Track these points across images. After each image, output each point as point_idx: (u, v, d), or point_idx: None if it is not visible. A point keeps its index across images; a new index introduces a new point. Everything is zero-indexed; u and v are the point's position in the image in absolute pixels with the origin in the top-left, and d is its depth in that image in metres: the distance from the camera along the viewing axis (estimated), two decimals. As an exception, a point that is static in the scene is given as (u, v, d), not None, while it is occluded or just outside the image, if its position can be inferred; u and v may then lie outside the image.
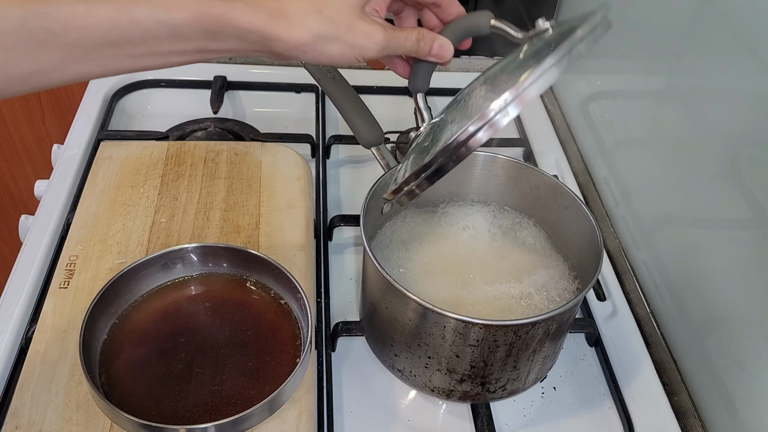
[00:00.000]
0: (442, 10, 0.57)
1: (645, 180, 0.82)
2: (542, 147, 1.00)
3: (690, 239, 0.73)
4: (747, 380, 0.63)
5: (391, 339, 0.64)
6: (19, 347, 0.68)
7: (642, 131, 0.83)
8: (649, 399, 0.71)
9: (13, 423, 0.58)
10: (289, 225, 0.78)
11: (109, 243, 0.74)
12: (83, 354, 0.56)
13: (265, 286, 0.67)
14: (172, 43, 0.46)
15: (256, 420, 0.56)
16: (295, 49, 0.48)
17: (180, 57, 0.47)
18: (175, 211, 0.79)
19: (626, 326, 0.78)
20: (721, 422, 0.67)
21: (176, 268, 0.67)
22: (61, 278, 0.70)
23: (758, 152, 0.62)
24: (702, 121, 0.71)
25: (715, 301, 0.68)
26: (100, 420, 0.59)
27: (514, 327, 0.57)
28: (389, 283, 0.59)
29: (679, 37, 0.74)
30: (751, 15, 0.62)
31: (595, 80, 0.97)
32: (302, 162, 0.88)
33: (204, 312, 0.65)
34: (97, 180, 0.82)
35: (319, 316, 0.73)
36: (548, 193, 0.70)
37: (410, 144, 0.61)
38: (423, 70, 0.58)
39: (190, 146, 0.88)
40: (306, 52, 0.48)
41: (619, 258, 0.86)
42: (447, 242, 0.72)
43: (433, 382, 0.64)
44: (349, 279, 0.80)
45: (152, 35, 0.45)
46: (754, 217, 0.62)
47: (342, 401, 0.68)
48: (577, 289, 0.68)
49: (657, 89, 0.80)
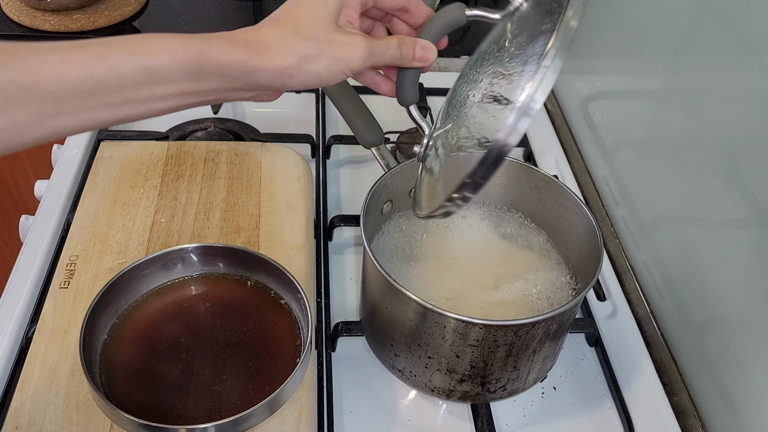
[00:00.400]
0: (411, 15, 0.56)
1: (645, 180, 0.82)
2: (542, 147, 1.00)
3: (690, 239, 0.73)
4: (747, 380, 0.63)
5: (391, 339, 0.64)
6: (19, 347, 0.68)
7: (642, 131, 0.83)
8: (649, 399, 0.71)
9: (13, 423, 0.58)
10: (289, 225, 0.78)
11: (109, 243, 0.74)
12: (83, 354, 0.56)
13: (265, 286, 0.67)
14: (152, 88, 0.44)
15: (256, 420, 0.56)
16: (281, 75, 0.46)
17: (160, 102, 0.45)
18: (175, 211, 0.79)
19: (626, 326, 0.78)
20: (721, 422, 0.67)
21: (176, 268, 0.67)
22: (62, 278, 0.70)
23: (758, 152, 0.62)
24: (702, 121, 0.71)
25: (715, 301, 0.68)
26: (100, 420, 0.59)
27: (514, 327, 0.57)
28: (389, 283, 0.59)
29: (679, 37, 0.74)
30: (751, 15, 0.62)
31: (595, 80, 0.97)
32: (302, 162, 0.88)
33: (204, 312, 0.65)
34: (97, 180, 0.82)
35: (319, 316, 0.73)
36: (548, 193, 0.70)
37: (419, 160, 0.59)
38: (409, 80, 0.56)
39: (190, 146, 0.88)
40: (292, 76, 0.47)
41: (619, 258, 0.86)
42: (447, 242, 0.72)
43: (433, 382, 0.64)
44: (349, 279, 0.80)
45: (129, 81, 0.43)
46: (754, 217, 0.62)
47: (342, 401, 0.68)
48: (577, 289, 0.68)
49: (657, 89, 0.80)
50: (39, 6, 1.07)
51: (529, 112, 0.46)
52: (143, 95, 0.44)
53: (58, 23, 1.07)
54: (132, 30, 1.11)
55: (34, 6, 1.08)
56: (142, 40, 0.44)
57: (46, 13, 1.08)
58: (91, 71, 0.42)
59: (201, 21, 1.14)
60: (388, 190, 0.70)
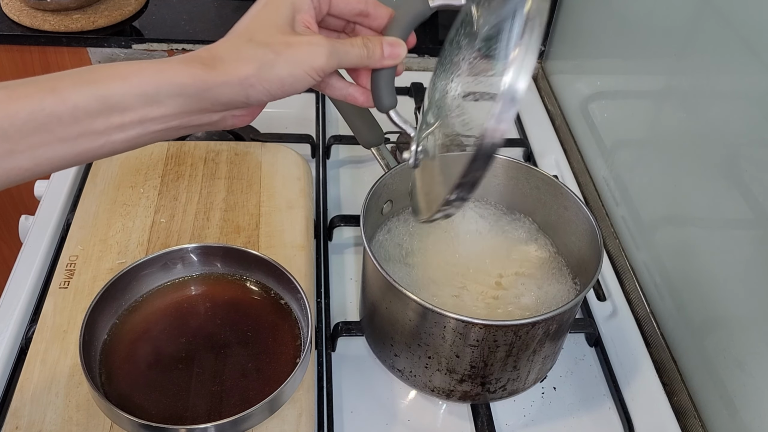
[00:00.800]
0: (373, 18, 0.53)
1: (645, 180, 0.82)
2: (542, 147, 1.00)
3: (690, 239, 0.73)
4: (747, 380, 0.63)
5: (391, 339, 0.64)
6: (19, 347, 0.68)
7: (642, 131, 0.83)
8: (649, 399, 0.71)
9: (13, 423, 0.58)
10: (289, 225, 0.78)
11: (109, 243, 0.74)
12: (83, 354, 0.56)
13: (265, 286, 0.67)
14: (107, 117, 0.42)
15: (256, 420, 0.56)
16: (241, 86, 0.45)
17: (120, 133, 0.43)
18: (175, 211, 0.79)
19: (626, 326, 0.78)
20: (721, 422, 0.67)
21: (176, 269, 0.67)
22: (61, 278, 0.70)
23: (758, 152, 0.62)
24: (702, 121, 0.71)
25: (715, 301, 0.68)
26: (100, 420, 0.59)
27: (514, 327, 0.57)
28: (389, 283, 0.59)
29: (679, 37, 0.74)
30: (751, 15, 0.62)
31: (595, 80, 0.97)
32: (302, 162, 0.88)
33: (204, 312, 0.65)
34: (97, 180, 0.82)
35: (319, 316, 0.74)
36: (548, 193, 0.70)
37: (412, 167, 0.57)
38: (384, 83, 0.52)
39: (190, 146, 0.88)
40: (253, 86, 0.45)
41: (619, 258, 0.86)
42: (447, 242, 0.72)
43: (433, 382, 0.64)
44: (349, 279, 0.80)
45: (83, 111, 0.41)
46: (754, 217, 0.62)
47: (342, 401, 0.68)
48: (577, 289, 0.68)
49: (657, 89, 0.80)
50: (39, 6, 1.07)
51: (514, 97, 0.42)
52: (99, 126, 0.42)
53: (58, 23, 1.07)
54: (132, 30, 1.11)
55: (34, 6, 1.07)
56: (92, 70, 0.42)
57: (46, 13, 1.08)
58: (41, 104, 0.40)
59: (201, 21, 1.14)
60: (388, 190, 0.70)
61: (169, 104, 0.44)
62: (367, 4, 0.53)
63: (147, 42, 1.09)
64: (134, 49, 1.10)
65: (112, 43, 1.08)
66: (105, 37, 1.08)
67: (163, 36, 1.10)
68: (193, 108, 0.45)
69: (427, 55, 1.14)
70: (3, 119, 0.39)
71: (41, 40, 1.07)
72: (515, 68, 0.41)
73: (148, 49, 1.10)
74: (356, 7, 0.53)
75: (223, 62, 0.44)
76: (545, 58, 1.14)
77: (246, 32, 0.46)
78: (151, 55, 1.11)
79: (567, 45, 1.07)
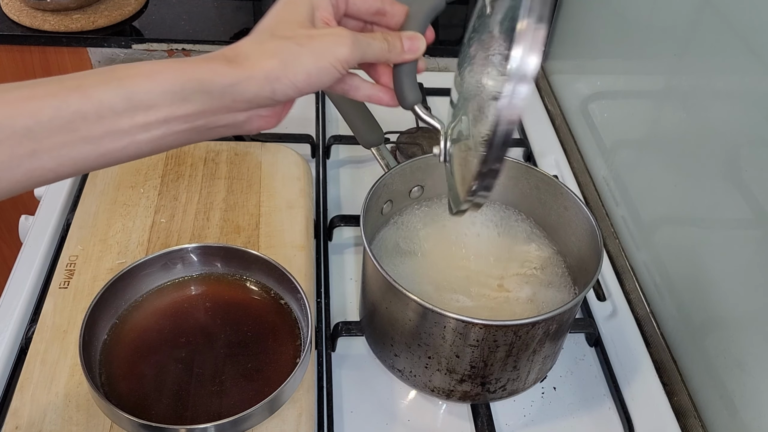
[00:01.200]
0: (390, 17, 0.53)
1: (645, 180, 0.82)
2: (542, 147, 1.00)
3: (690, 239, 0.73)
4: (747, 380, 0.63)
5: (391, 339, 0.64)
6: (19, 347, 0.68)
7: (642, 131, 0.83)
8: (649, 399, 0.71)
9: (13, 423, 0.58)
10: (289, 225, 0.78)
11: (109, 243, 0.74)
12: (83, 354, 0.56)
13: (265, 286, 0.67)
14: (132, 116, 0.41)
15: (256, 420, 0.56)
16: (267, 79, 0.44)
17: (144, 132, 0.43)
18: (175, 211, 0.79)
19: (626, 326, 0.78)
20: (721, 422, 0.67)
21: (176, 268, 0.67)
22: (61, 278, 0.70)
23: (758, 152, 0.62)
24: (702, 121, 0.71)
25: (715, 301, 0.68)
26: (100, 420, 0.59)
27: (514, 327, 0.57)
28: (389, 283, 0.59)
29: (679, 37, 0.74)
30: (751, 15, 0.62)
31: (595, 80, 0.97)
32: (302, 162, 0.88)
33: (204, 312, 0.65)
34: (97, 180, 0.82)
35: (319, 316, 0.73)
36: (548, 193, 0.70)
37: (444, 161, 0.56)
38: (407, 79, 0.53)
39: (190, 146, 0.88)
40: (279, 79, 0.44)
41: (619, 258, 0.86)
42: (446, 242, 0.72)
43: (433, 382, 0.64)
44: (349, 279, 0.80)
45: (108, 108, 0.40)
46: (754, 217, 0.62)
47: (342, 401, 0.68)
48: (577, 289, 0.68)
49: (657, 89, 0.80)
50: (39, 6, 1.07)
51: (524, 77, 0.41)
52: (124, 124, 0.42)
53: (58, 23, 1.07)
54: (132, 30, 1.11)
55: (34, 6, 1.08)
56: (115, 69, 0.42)
57: (46, 13, 1.08)
58: (66, 101, 0.40)
59: (201, 21, 1.14)
60: (388, 190, 0.70)
61: (194, 102, 0.43)
62: (384, 2, 0.53)
63: (147, 42, 1.09)
64: (134, 49, 1.10)
65: (112, 43, 1.09)
66: (105, 37, 1.08)
67: (162, 36, 1.10)
68: (218, 106, 0.44)
69: (427, 55, 1.14)
70: (27, 117, 0.39)
71: (41, 40, 1.07)
72: (524, 45, 0.41)
73: (148, 49, 1.10)
74: (373, 6, 0.53)
75: (247, 58, 0.44)
76: (545, 59, 1.14)
77: (268, 29, 0.47)
78: (151, 55, 1.11)
79: (567, 45, 1.07)
